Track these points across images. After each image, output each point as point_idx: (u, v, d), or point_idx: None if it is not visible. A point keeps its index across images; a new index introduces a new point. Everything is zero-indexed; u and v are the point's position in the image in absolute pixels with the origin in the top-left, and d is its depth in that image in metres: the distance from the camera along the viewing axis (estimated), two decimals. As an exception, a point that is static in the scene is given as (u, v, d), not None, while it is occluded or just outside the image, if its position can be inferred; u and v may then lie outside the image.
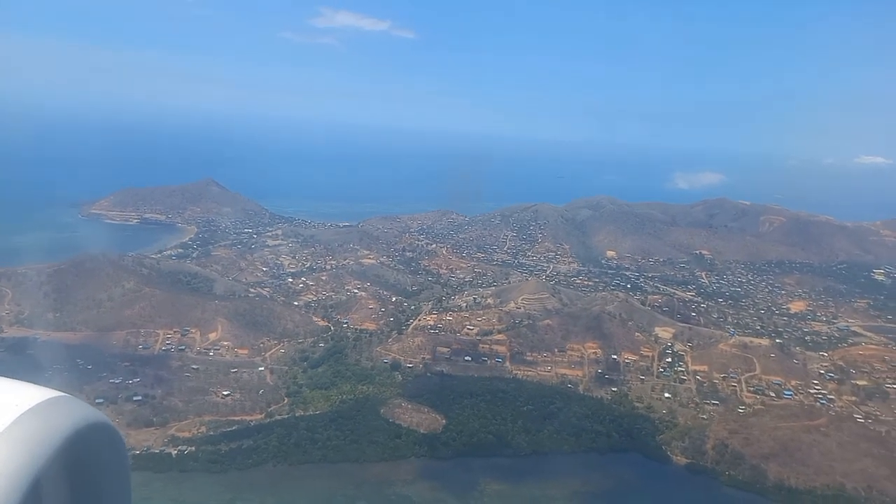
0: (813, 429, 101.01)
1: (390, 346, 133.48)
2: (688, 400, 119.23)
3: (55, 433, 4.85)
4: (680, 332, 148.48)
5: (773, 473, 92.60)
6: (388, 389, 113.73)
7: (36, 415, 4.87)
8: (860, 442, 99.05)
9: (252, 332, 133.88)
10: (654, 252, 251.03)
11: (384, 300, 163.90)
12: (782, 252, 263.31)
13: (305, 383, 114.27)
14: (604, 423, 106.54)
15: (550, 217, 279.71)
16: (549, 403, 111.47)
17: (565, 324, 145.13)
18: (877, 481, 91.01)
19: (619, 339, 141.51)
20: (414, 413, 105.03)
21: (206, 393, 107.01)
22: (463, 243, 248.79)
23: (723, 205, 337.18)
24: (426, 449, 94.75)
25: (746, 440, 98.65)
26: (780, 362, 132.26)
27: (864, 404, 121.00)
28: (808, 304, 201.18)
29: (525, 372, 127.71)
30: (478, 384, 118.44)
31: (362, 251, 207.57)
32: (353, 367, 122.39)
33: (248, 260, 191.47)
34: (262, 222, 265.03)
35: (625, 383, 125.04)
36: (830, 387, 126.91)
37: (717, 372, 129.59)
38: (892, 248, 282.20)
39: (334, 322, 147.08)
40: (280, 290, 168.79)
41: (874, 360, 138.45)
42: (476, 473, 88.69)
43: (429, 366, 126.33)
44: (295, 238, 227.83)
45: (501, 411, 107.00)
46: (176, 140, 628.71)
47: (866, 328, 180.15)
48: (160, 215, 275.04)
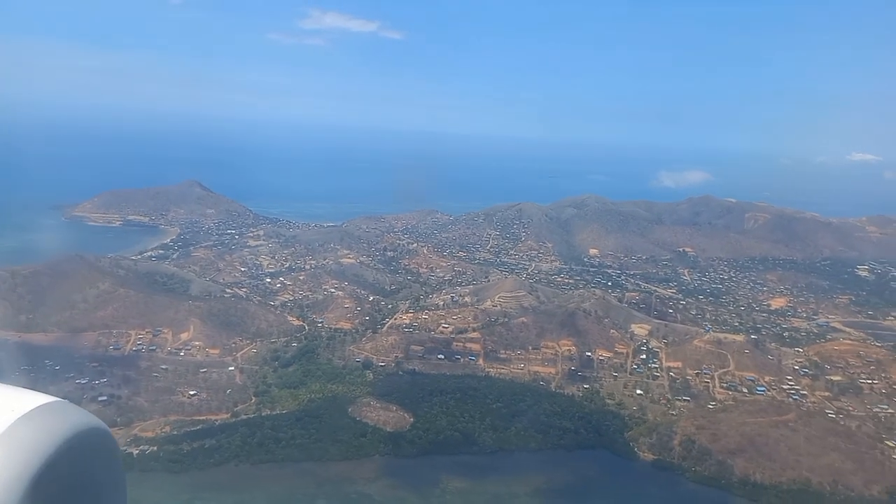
0: (781, 424, 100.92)
1: (364, 345, 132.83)
2: (659, 396, 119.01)
3: (50, 438, 4.89)
4: (656, 329, 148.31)
5: (740, 468, 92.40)
6: (358, 388, 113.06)
7: (31, 420, 4.91)
8: (828, 437, 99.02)
9: (225, 332, 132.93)
10: (637, 250, 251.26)
11: (361, 299, 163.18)
12: (766, 249, 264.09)
13: (275, 383, 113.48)
14: (573, 420, 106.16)
15: (534, 216, 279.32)
16: (519, 401, 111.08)
17: (540, 321, 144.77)
18: (842, 476, 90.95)
19: (593, 337, 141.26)
20: (382, 411, 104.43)
21: (172, 393, 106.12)
22: (445, 242, 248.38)
23: (708, 202, 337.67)
24: (391, 447, 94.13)
25: (714, 436, 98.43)
26: (754, 358, 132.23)
27: (837, 399, 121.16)
28: (788, 301, 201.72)
29: (498, 370, 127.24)
30: (449, 382, 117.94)
31: (342, 251, 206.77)
32: (325, 366, 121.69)
33: (226, 260, 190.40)
34: (246, 223, 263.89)
35: (597, 380, 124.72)
36: (804, 382, 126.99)
37: (690, 368, 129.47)
38: (877, 245, 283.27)
39: (309, 321, 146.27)
40: (257, 290, 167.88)
41: (849, 355, 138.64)
42: (440, 471, 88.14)
43: (401, 364, 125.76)
44: (276, 238, 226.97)
45: (470, 409, 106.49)
46: (163, 142, 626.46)
47: (846, 324, 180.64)
48: (143, 217, 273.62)
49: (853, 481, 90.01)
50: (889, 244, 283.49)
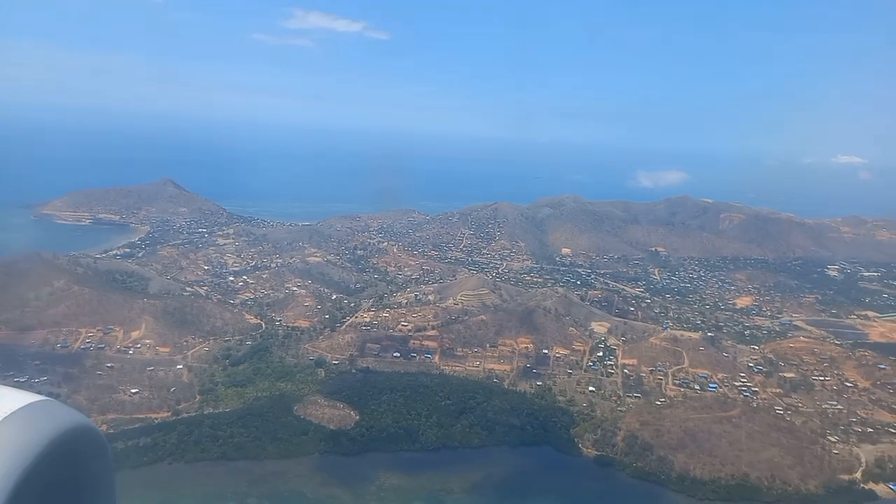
0: (725, 420, 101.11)
1: (319, 344, 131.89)
2: (611, 393, 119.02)
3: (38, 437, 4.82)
4: (615, 327, 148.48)
5: (680, 464, 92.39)
6: (308, 386, 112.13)
7: (18, 419, 4.85)
8: (771, 432, 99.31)
9: (178, 331, 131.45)
10: (610, 249, 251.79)
11: (323, 298, 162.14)
12: (738, 248, 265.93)
13: (222, 381, 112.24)
14: (520, 417, 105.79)
15: (510, 215, 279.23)
16: (470, 398, 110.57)
17: (500, 319, 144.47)
18: (781, 470, 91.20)
19: (552, 334, 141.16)
20: (328, 409, 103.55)
21: (113, 391, 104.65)
22: (419, 241, 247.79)
23: (684, 203, 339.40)
24: (331, 445, 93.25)
25: (657, 432, 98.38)
26: (708, 356, 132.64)
27: (787, 396, 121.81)
28: (754, 300, 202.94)
29: (453, 367, 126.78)
30: (401, 380, 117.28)
31: (310, 250, 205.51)
32: (276, 364, 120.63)
33: (190, 259, 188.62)
34: (219, 222, 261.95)
35: (551, 377, 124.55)
36: (757, 379, 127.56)
37: (645, 365, 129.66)
38: (850, 245, 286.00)
39: (267, 320, 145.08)
40: (218, 288, 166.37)
41: (804, 352, 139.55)
42: (378, 468, 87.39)
43: (355, 362, 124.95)
44: (245, 237, 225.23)
45: (418, 406, 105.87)
46: (145, 143, 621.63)
47: (809, 322, 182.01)
48: (114, 215, 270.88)
49: (791, 476, 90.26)
50: (861, 244, 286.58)
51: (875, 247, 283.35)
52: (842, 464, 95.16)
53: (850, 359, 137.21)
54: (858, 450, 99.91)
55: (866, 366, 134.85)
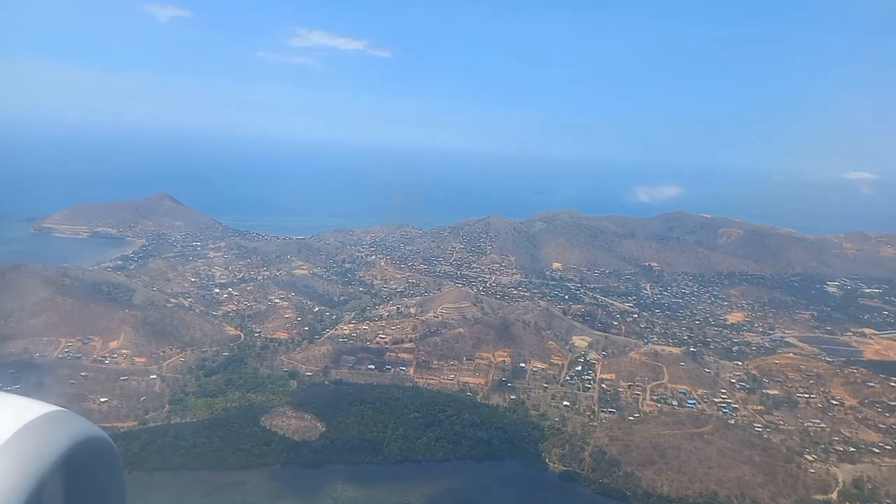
0: (697, 436, 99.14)
1: (295, 355, 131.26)
2: (585, 408, 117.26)
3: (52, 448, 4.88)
4: (596, 341, 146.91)
5: (647, 480, 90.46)
6: (278, 397, 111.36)
7: (34, 429, 4.90)
8: (743, 449, 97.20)
9: (156, 341, 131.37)
10: (602, 264, 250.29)
11: (305, 310, 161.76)
12: (734, 264, 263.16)
13: (194, 391, 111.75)
14: (489, 431, 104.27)
15: (502, 230, 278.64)
16: (439, 411, 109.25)
17: (478, 332, 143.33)
18: (751, 489, 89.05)
19: (530, 348, 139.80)
20: (294, 420, 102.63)
21: (83, 400, 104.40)
22: (409, 255, 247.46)
23: (681, 218, 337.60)
24: (293, 456, 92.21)
25: (625, 447, 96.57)
26: (689, 371, 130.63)
27: (769, 413, 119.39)
28: (746, 315, 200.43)
29: (427, 380, 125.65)
30: (373, 392, 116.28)
31: (297, 262, 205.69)
32: (249, 375, 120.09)
33: (178, 271, 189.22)
34: (214, 235, 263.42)
35: (526, 391, 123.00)
36: (738, 396, 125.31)
37: (623, 380, 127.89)
38: (852, 261, 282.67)
39: (247, 331, 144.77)
40: (203, 300, 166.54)
41: (789, 369, 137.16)
42: (336, 479, 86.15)
43: (328, 374, 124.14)
44: (237, 250, 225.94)
45: (386, 419, 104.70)
46: (149, 159, 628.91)
47: (802, 339, 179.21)
48: (111, 229, 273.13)
49: (761, 495, 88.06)
50: (864, 260, 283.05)
51: (878, 263, 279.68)
52: (817, 483, 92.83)
53: (837, 376, 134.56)
54: (836, 469, 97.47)
55: (854, 383, 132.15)
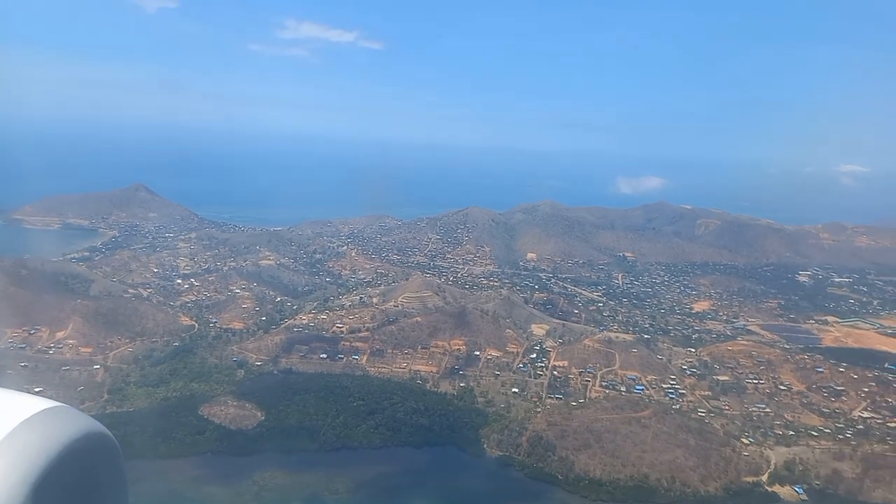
0: (635, 420, 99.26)
1: (247, 345, 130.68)
2: (533, 394, 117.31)
3: (52, 443, 4.89)
4: (554, 329, 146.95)
5: (580, 464, 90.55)
6: (222, 387, 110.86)
7: (33, 425, 4.94)
8: (679, 433, 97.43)
9: (106, 332, 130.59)
10: (576, 254, 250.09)
11: (265, 300, 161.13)
12: (709, 254, 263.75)
13: (136, 381, 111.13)
14: (431, 418, 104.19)
15: (480, 221, 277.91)
16: (384, 399, 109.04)
17: (434, 321, 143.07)
18: (682, 472, 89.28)
19: (487, 336, 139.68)
20: (234, 409, 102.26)
21: (17, 390, 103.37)
22: (384, 246, 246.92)
23: (662, 209, 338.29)
24: (226, 444, 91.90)
25: (563, 432, 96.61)
26: (641, 358, 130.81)
27: (716, 398, 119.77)
28: (712, 304, 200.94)
29: (379, 368, 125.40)
30: (321, 381, 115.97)
31: (265, 253, 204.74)
32: (196, 365, 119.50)
33: (141, 262, 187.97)
34: (189, 227, 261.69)
35: (476, 379, 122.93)
36: (688, 382, 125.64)
37: (575, 367, 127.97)
38: (828, 251, 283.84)
39: (203, 321, 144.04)
40: (163, 290, 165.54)
41: (742, 355, 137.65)
42: (266, 467, 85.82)
43: (278, 363, 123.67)
44: (208, 241, 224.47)
45: (328, 407, 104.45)
46: (137, 150, 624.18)
47: (764, 327, 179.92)
48: (83, 220, 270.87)
49: (691, 477, 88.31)
50: (840, 250, 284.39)
51: (853, 253, 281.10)
52: (749, 466, 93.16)
53: (788, 362, 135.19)
54: (771, 452, 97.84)
55: (804, 369, 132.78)
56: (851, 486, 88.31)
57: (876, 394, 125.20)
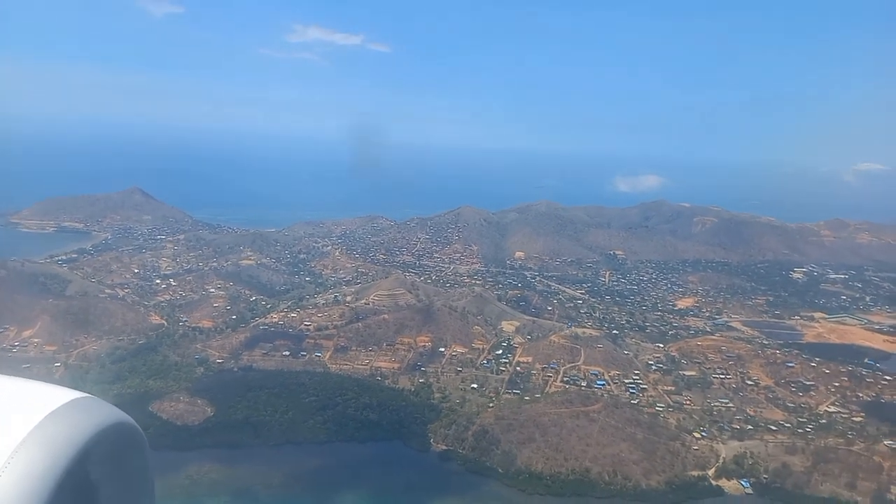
0: (583, 415, 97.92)
1: (212, 343, 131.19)
2: (492, 390, 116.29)
3: (80, 434, 4.88)
4: (524, 326, 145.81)
5: (523, 458, 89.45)
6: (178, 384, 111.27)
7: (61, 416, 4.92)
8: (628, 427, 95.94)
9: (73, 330, 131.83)
10: (566, 253, 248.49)
11: (239, 299, 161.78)
12: (702, 251, 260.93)
13: (93, 378, 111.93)
14: (381, 413, 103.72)
15: (472, 220, 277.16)
16: (338, 395, 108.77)
17: (403, 318, 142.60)
18: (624, 465, 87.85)
19: (453, 333, 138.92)
20: (184, 405, 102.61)
21: None
22: (373, 246, 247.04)
23: (659, 207, 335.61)
24: (168, 440, 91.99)
25: (510, 426, 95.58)
26: (606, 353, 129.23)
27: (678, 394, 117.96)
28: (696, 301, 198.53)
29: (341, 365, 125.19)
30: (279, 377, 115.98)
31: (248, 253, 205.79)
32: (158, 363, 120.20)
33: (123, 262, 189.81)
34: (181, 229, 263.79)
35: (437, 375, 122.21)
36: (652, 377, 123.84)
37: (539, 363, 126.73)
38: (827, 248, 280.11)
39: (173, 320, 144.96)
40: (140, 290, 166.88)
41: (710, 351, 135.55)
42: (204, 462, 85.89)
43: (240, 361, 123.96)
44: (195, 242, 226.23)
45: (280, 403, 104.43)
46: (142, 154, 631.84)
47: (746, 323, 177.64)
48: (78, 223, 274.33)
49: (634, 471, 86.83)
50: (839, 247, 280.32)
51: (853, 250, 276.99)
52: (697, 460, 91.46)
53: (758, 357, 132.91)
54: (722, 446, 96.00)
55: (774, 364, 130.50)
56: (799, 480, 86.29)
57: (846, 389, 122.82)
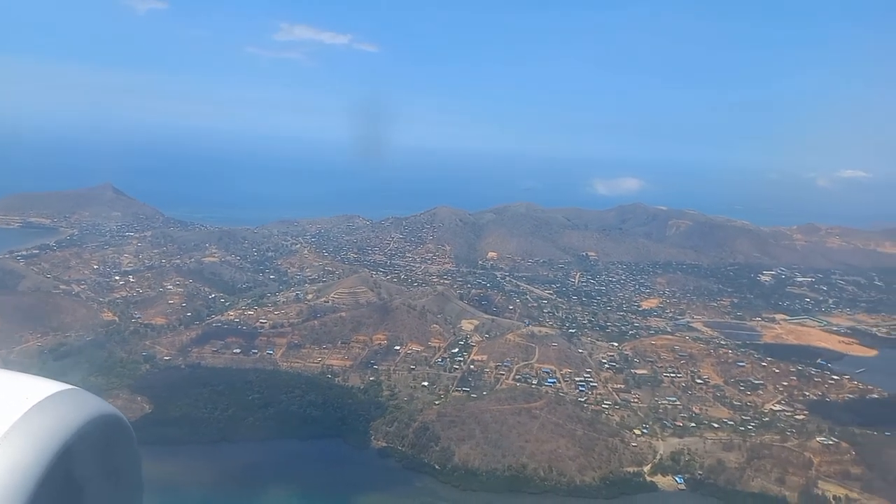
0: (525, 411, 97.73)
1: (161, 340, 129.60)
2: (442, 388, 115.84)
3: (65, 426, 4.85)
4: (483, 325, 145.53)
5: (461, 455, 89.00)
6: (121, 381, 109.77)
7: (46, 408, 4.89)
8: (568, 424, 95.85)
9: (19, 327, 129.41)
10: (538, 253, 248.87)
11: (197, 296, 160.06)
12: (674, 254, 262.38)
13: (32, 374, 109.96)
14: (325, 410, 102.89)
15: (447, 220, 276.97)
16: (283, 392, 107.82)
17: (360, 316, 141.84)
18: (561, 461, 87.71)
19: (411, 331, 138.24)
20: (122, 403, 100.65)
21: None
22: (346, 245, 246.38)
23: (636, 210, 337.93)
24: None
25: (451, 423, 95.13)
26: (560, 352, 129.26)
27: (627, 392, 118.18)
28: (660, 302, 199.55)
29: (292, 363, 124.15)
30: (227, 375, 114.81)
31: (213, 250, 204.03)
32: (103, 359, 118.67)
33: (83, 258, 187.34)
34: (152, 226, 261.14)
35: (389, 373, 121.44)
36: (604, 375, 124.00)
37: (493, 361, 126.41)
38: (799, 252, 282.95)
39: (126, 317, 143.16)
40: (97, 286, 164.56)
41: (663, 349, 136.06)
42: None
43: (188, 358, 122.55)
44: (162, 239, 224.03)
45: (222, 400, 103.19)
46: (126, 152, 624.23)
47: (707, 324, 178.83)
48: (45, 219, 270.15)
49: (569, 467, 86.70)
50: (809, 251, 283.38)
51: (823, 253, 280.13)
52: (635, 456, 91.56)
53: (710, 356, 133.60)
54: (661, 443, 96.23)
55: (724, 363, 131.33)
56: (732, 476, 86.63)
57: (794, 388, 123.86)
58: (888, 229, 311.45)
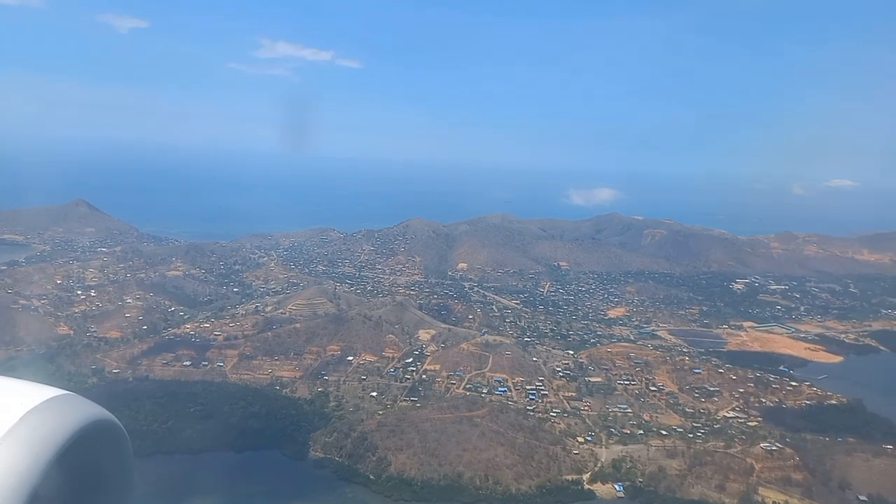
0: (466, 420, 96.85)
1: (112, 353, 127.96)
2: (391, 398, 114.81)
3: (60, 431, 4.83)
4: (439, 334, 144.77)
5: (397, 464, 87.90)
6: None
7: (41, 413, 4.89)
8: (509, 432, 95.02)
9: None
10: (509, 264, 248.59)
11: (156, 310, 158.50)
12: (647, 263, 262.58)
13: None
14: (267, 421, 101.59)
15: (420, 232, 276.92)
16: (227, 404, 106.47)
17: (315, 327, 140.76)
18: (498, 470, 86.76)
19: (365, 341, 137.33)
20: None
21: None
22: (315, 258, 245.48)
23: (611, 220, 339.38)
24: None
25: (391, 433, 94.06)
26: (513, 360, 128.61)
27: (578, 399, 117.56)
28: (627, 311, 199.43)
29: (241, 375, 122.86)
30: (172, 387, 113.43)
31: (177, 264, 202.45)
32: (50, 373, 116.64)
33: (46, 273, 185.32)
34: (123, 241, 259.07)
35: (338, 384, 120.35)
36: (557, 384, 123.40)
37: (446, 370, 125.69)
38: (774, 260, 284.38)
39: (81, 331, 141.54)
40: (57, 301, 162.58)
41: (619, 357, 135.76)
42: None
43: (137, 370, 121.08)
44: (130, 254, 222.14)
45: (163, 412, 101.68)
46: (105, 168, 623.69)
47: (672, 332, 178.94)
48: (17, 236, 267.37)
49: (506, 475, 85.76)
50: (785, 259, 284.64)
51: (799, 261, 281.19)
52: (575, 464, 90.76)
53: (665, 364, 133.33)
54: (604, 450, 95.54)
55: (681, 370, 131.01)
56: (672, 483, 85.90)
57: (751, 394, 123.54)
58: (866, 237, 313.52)
